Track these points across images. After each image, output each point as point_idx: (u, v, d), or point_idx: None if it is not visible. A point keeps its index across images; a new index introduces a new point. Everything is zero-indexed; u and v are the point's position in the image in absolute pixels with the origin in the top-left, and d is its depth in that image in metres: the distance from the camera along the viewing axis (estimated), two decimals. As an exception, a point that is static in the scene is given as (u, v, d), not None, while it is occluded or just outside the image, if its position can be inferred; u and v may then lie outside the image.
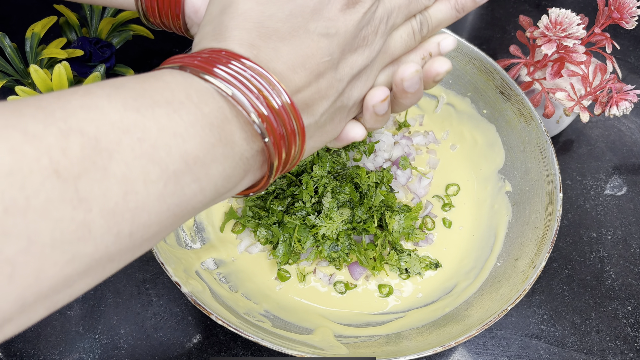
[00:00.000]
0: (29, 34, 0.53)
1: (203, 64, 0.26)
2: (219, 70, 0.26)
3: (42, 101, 0.21)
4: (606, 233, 0.60)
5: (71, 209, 0.20)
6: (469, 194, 0.59)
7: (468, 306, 0.48)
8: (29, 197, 0.18)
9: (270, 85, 0.27)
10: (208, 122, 0.25)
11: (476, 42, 0.77)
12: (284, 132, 0.28)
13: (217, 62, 0.26)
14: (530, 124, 0.54)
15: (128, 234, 0.22)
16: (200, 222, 0.55)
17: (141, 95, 0.23)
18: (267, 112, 0.26)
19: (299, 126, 0.28)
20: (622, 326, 0.54)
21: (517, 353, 0.51)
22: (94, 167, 0.20)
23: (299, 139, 0.29)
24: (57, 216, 0.19)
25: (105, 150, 0.21)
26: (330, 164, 0.54)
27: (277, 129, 0.27)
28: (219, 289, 0.48)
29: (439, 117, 0.64)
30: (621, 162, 0.66)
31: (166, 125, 0.23)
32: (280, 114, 0.27)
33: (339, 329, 0.49)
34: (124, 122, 0.22)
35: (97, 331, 0.50)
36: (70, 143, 0.20)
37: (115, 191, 0.21)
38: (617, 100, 0.55)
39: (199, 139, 0.24)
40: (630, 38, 0.80)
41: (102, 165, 0.21)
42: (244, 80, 0.26)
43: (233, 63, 0.26)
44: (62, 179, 0.19)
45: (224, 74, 0.26)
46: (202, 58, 0.27)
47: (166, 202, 0.23)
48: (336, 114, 0.33)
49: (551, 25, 0.53)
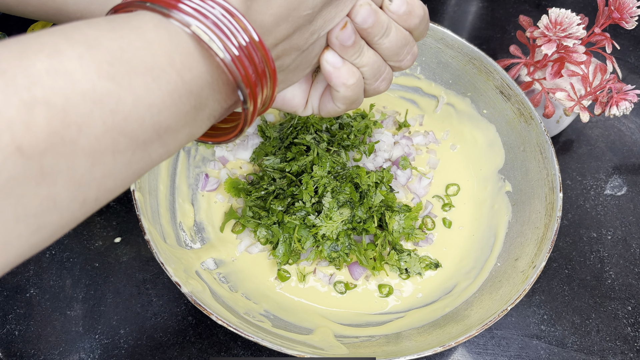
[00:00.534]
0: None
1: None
2: (184, 5, 0.24)
3: (1, 62, 0.18)
4: (606, 233, 0.60)
5: (35, 185, 0.19)
6: (469, 194, 0.59)
7: (468, 306, 0.48)
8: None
9: (240, 25, 0.25)
10: (187, 90, 0.24)
11: (476, 42, 0.77)
12: (254, 73, 0.26)
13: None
14: (530, 124, 0.54)
15: (94, 199, 0.22)
16: (200, 222, 0.55)
17: (118, 59, 0.21)
18: (237, 51, 0.25)
19: (269, 67, 0.27)
20: (622, 326, 0.54)
21: (517, 353, 0.51)
22: (61, 142, 0.19)
23: (269, 81, 0.28)
24: (19, 193, 0.18)
25: (74, 124, 0.19)
26: (330, 164, 0.54)
27: (247, 67, 0.25)
28: (219, 289, 0.48)
29: (439, 117, 0.64)
30: (621, 162, 0.66)
31: (142, 96, 0.22)
32: (250, 53, 0.25)
33: (339, 329, 0.49)
34: (97, 92, 0.20)
35: (97, 331, 0.50)
36: (35, 116, 0.18)
37: (82, 164, 0.20)
38: (617, 100, 0.55)
39: (175, 109, 0.23)
40: (630, 38, 0.80)
41: (69, 139, 0.19)
42: (212, 17, 0.24)
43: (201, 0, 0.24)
44: (25, 156, 0.18)
45: (189, 9, 0.24)
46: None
47: (133, 167, 0.23)
48: (302, 63, 0.32)
49: (551, 25, 0.53)
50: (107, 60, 0.21)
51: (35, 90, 0.18)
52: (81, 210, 0.21)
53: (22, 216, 0.19)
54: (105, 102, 0.20)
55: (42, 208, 0.19)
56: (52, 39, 0.20)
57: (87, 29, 0.21)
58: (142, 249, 0.55)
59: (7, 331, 0.49)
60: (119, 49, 0.21)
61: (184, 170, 0.56)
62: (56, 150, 0.19)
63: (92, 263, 0.54)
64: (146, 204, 0.47)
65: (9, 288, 0.52)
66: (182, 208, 0.54)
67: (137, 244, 0.55)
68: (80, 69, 0.20)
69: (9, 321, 0.50)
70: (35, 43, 0.20)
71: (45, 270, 0.53)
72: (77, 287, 0.52)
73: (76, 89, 0.19)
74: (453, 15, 0.82)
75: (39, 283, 0.52)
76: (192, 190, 0.56)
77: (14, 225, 0.19)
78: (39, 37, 0.20)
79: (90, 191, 0.21)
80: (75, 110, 0.19)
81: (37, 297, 0.51)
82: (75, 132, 0.19)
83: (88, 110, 0.20)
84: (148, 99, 0.22)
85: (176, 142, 0.25)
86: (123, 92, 0.21)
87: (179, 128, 0.24)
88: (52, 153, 0.19)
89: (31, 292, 0.52)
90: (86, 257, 0.54)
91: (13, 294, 0.52)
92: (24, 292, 0.52)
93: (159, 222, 0.49)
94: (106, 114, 0.20)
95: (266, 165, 0.56)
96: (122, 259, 0.54)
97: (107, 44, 0.21)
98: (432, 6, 0.83)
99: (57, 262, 0.54)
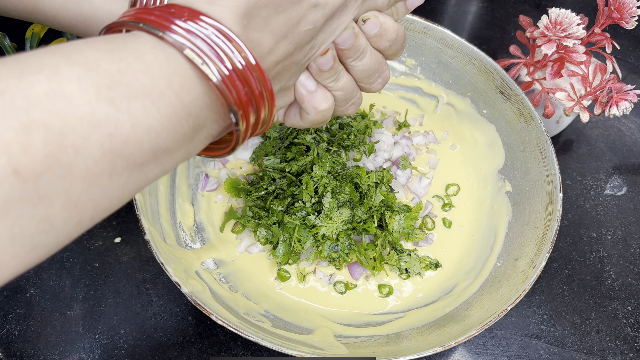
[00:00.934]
0: (28, 34, 0.53)
1: (160, 20, 0.24)
2: (177, 27, 0.24)
3: (0, 81, 0.19)
4: (606, 233, 0.60)
5: (31, 206, 0.19)
6: (469, 194, 0.59)
7: (468, 306, 0.48)
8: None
9: (235, 47, 0.25)
10: (186, 112, 0.24)
11: (476, 42, 0.77)
12: (251, 95, 0.26)
13: (176, 18, 0.24)
14: (530, 124, 0.54)
15: (89, 219, 0.22)
16: (200, 222, 0.55)
17: (117, 83, 0.21)
18: (229, 74, 0.25)
19: (267, 89, 0.27)
20: (622, 326, 0.54)
21: (517, 353, 0.51)
22: (57, 165, 0.19)
23: (267, 102, 0.28)
24: (15, 215, 0.18)
25: (71, 147, 0.19)
26: (330, 164, 0.54)
27: (240, 89, 0.25)
28: (219, 289, 0.48)
29: (439, 117, 0.64)
30: (621, 162, 0.66)
31: (141, 119, 0.22)
32: (246, 75, 0.25)
33: (338, 329, 0.49)
34: (95, 116, 0.20)
35: (97, 331, 0.50)
36: (33, 139, 0.18)
37: (79, 186, 0.20)
38: (617, 100, 0.55)
39: (173, 131, 0.23)
40: (630, 38, 0.80)
41: (66, 162, 0.19)
42: (206, 39, 0.24)
43: (194, 21, 0.24)
44: (21, 178, 0.18)
45: (181, 31, 0.24)
46: (162, 13, 0.24)
47: (128, 188, 0.23)
48: (295, 74, 0.32)
49: (551, 25, 0.53)
50: (106, 83, 0.21)
51: (33, 112, 0.18)
52: (77, 230, 0.22)
53: (18, 237, 0.19)
54: (104, 126, 0.20)
55: (38, 229, 0.20)
56: (52, 60, 0.20)
57: (87, 50, 0.22)
58: (142, 249, 0.55)
59: (7, 331, 0.49)
60: (118, 72, 0.21)
61: (184, 170, 0.56)
62: (53, 173, 0.19)
63: (92, 263, 0.54)
64: (146, 204, 0.47)
65: (9, 288, 0.52)
66: (182, 208, 0.54)
67: (137, 244, 0.55)
68: (79, 92, 0.20)
69: (9, 321, 0.50)
70: (35, 64, 0.20)
71: (45, 270, 0.53)
72: (77, 287, 0.52)
73: (74, 112, 0.19)
74: (453, 15, 0.82)
75: (39, 283, 0.52)
76: (192, 190, 0.56)
77: (10, 246, 0.19)
78: (39, 57, 0.20)
79: (86, 212, 0.21)
80: (73, 133, 0.19)
81: (37, 297, 0.51)
82: (73, 155, 0.19)
83: (86, 134, 0.20)
84: (147, 122, 0.22)
85: (172, 161, 0.25)
86: (121, 115, 0.21)
87: (177, 149, 0.25)
88: (49, 175, 0.19)
89: (31, 292, 0.52)
90: (86, 257, 0.54)
91: (13, 294, 0.52)
92: (23, 292, 0.52)
93: (159, 222, 0.49)
94: (104, 138, 0.20)
95: (266, 165, 0.56)
96: (122, 259, 0.54)
97: (106, 67, 0.21)
98: (432, 6, 0.83)
99: (57, 262, 0.54)
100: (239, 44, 0.25)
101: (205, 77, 0.24)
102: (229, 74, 0.25)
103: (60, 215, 0.20)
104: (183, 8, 0.25)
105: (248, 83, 0.26)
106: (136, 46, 0.23)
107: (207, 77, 0.24)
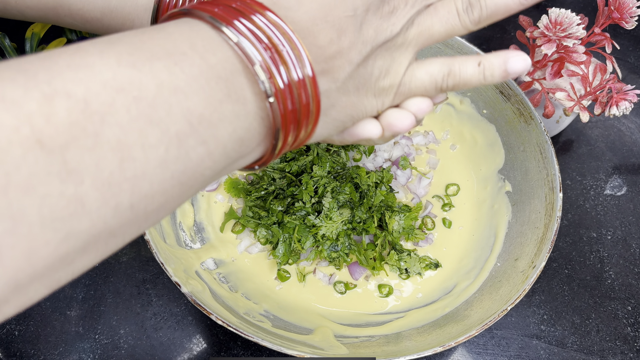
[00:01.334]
0: (28, 34, 0.53)
1: (223, 13, 0.23)
2: (239, 23, 0.23)
3: (25, 63, 0.18)
4: (606, 233, 0.60)
5: (59, 182, 0.17)
6: (469, 194, 0.59)
7: (468, 306, 0.48)
8: (8, 173, 0.16)
9: (295, 52, 0.24)
10: (214, 74, 0.22)
11: (476, 42, 0.77)
12: (298, 108, 0.25)
13: (239, 15, 0.23)
14: (530, 124, 0.54)
15: (129, 206, 0.20)
16: (200, 222, 0.55)
17: (138, 49, 0.21)
18: (282, 85, 0.23)
19: (315, 103, 0.25)
20: (622, 326, 0.54)
21: (517, 353, 0.51)
22: (83, 134, 0.18)
23: (312, 118, 0.26)
24: (43, 192, 0.17)
25: (96, 114, 0.18)
26: (330, 164, 0.54)
27: (289, 104, 0.24)
28: (219, 289, 0.48)
29: (439, 117, 0.64)
30: (621, 162, 0.66)
31: (166, 80, 0.21)
32: (299, 88, 0.24)
33: (338, 329, 0.49)
34: (118, 80, 0.19)
35: (97, 331, 0.50)
36: (56, 108, 0.18)
37: (109, 159, 0.19)
38: (617, 100, 0.55)
39: (203, 94, 0.22)
40: (630, 38, 0.80)
41: (93, 131, 0.18)
42: (266, 41, 0.23)
43: (257, 17, 0.23)
44: (46, 150, 0.17)
45: (243, 29, 0.23)
46: (222, 6, 0.24)
47: (169, 168, 0.21)
48: (359, 88, 0.29)
49: (551, 25, 0.53)
50: (127, 50, 0.21)
51: (55, 83, 0.18)
52: (115, 219, 0.20)
53: (48, 220, 0.17)
54: (127, 89, 0.20)
55: (69, 210, 0.18)
56: (77, 44, 0.20)
57: (110, 36, 0.21)
58: (142, 249, 0.55)
59: (7, 331, 0.49)
60: (139, 41, 0.21)
61: (184, 170, 0.56)
62: (79, 144, 0.18)
63: (92, 263, 0.54)
64: (146, 204, 0.47)
65: (9, 288, 0.52)
66: (181, 208, 0.54)
67: (137, 244, 0.55)
68: (100, 60, 0.20)
69: (9, 321, 0.50)
70: (61, 48, 0.20)
71: (45, 270, 0.53)
72: (76, 287, 0.52)
73: (96, 79, 0.19)
74: (453, 15, 0.82)
75: (39, 283, 0.52)
76: (192, 190, 0.56)
77: (39, 230, 0.17)
78: (65, 46, 0.21)
79: (122, 194, 0.19)
80: (97, 99, 0.19)
81: (37, 297, 0.51)
82: (99, 122, 0.18)
83: (110, 99, 0.19)
84: (172, 82, 0.21)
85: (217, 140, 0.23)
86: (145, 77, 0.20)
87: (216, 121, 0.22)
88: (76, 147, 0.18)
89: (31, 292, 0.52)
90: (86, 257, 0.54)
91: (13, 294, 0.51)
92: (23, 292, 0.52)
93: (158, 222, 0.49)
94: (129, 102, 0.19)
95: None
96: (122, 259, 0.54)
97: (127, 40, 0.21)
98: (432, 6, 0.83)
99: (57, 262, 0.53)
100: (299, 50, 0.24)
101: (230, 46, 0.23)
102: (283, 88, 0.24)
103: (92, 195, 0.18)
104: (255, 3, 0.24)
105: (298, 98, 0.24)
106: (161, 25, 0.23)
107: (260, 85, 0.23)
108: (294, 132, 0.26)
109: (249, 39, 0.23)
